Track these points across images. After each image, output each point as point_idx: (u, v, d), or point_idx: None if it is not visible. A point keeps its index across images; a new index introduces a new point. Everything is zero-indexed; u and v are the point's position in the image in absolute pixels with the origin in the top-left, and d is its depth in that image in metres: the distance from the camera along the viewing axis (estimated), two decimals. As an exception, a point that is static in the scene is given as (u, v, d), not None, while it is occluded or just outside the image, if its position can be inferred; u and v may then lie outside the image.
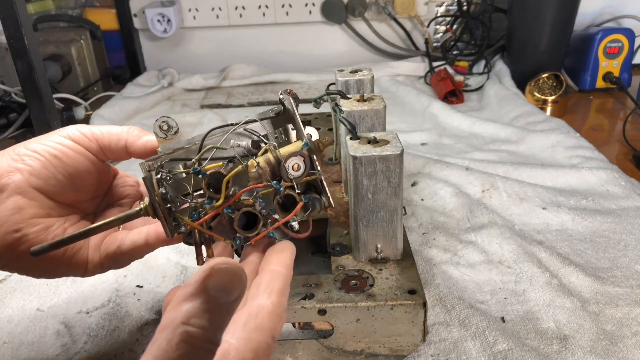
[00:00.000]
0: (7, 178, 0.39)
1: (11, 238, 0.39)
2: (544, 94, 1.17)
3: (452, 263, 0.62)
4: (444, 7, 1.48)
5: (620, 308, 0.53)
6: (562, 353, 0.48)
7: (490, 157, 0.90)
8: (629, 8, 1.38)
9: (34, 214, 0.40)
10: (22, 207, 0.39)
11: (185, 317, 0.24)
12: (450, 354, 0.48)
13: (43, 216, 0.40)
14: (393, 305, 0.46)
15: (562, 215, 0.70)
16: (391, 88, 1.32)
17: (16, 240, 0.39)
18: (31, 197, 0.40)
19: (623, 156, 0.91)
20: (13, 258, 0.40)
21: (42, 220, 0.40)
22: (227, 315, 0.26)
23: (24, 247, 0.39)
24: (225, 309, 0.26)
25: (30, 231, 0.39)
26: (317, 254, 0.64)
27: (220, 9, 1.46)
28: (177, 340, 0.23)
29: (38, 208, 0.40)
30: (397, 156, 0.47)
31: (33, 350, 0.52)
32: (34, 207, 0.40)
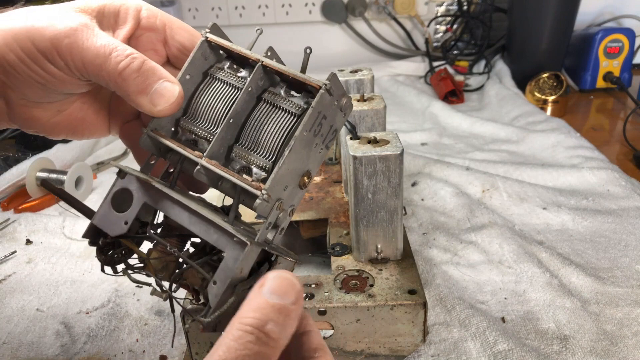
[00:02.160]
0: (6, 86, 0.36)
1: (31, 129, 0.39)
2: (545, 94, 1.17)
3: (453, 263, 0.61)
4: (444, 6, 1.47)
5: (621, 308, 0.53)
6: (562, 353, 0.48)
7: (491, 157, 0.90)
8: (629, 8, 1.38)
9: (45, 117, 0.38)
10: (26, 117, 0.37)
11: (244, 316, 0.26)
12: (451, 354, 0.48)
13: (53, 117, 0.39)
14: (393, 306, 0.46)
15: (562, 215, 0.70)
16: (391, 88, 1.31)
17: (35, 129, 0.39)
18: (32, 106, 0.37)
19: (623, 156, 0.91)
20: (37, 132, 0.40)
21: (55, 121, 0.39)
22: (288, 318, 0.27)
23: (44, 131, 0.39)
24: (285, 311, 0.26)
25: (48, 133, 0.39)
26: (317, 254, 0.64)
27: (220, 9, 1.46)
28: (243, 339, 0.25)
29: (43, 112, 0.38)
30: (397, 156, 0.47)
31: (32, 351, 0.52)
32: (38, 112, 0.38)
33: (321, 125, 0.33)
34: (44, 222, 0.73)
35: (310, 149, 0.33)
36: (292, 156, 0.32)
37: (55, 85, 0.35)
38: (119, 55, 0.33)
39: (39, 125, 0.39)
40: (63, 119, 0.39)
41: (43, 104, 0.37)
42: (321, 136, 0.33)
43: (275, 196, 0.32)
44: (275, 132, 0.33)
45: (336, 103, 0.33)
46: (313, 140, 0.33)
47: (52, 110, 0.38)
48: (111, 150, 1.00)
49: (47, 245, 0.70)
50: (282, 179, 0.32)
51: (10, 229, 0.72)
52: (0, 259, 0.67)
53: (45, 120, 0.38)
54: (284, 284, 0.27)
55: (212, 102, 0.35)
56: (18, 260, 0.67)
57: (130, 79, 0.33)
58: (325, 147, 0.34)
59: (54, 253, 0.68)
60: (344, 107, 0.34)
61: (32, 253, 0.68)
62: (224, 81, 0.36)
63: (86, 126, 0.40)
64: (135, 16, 0.37)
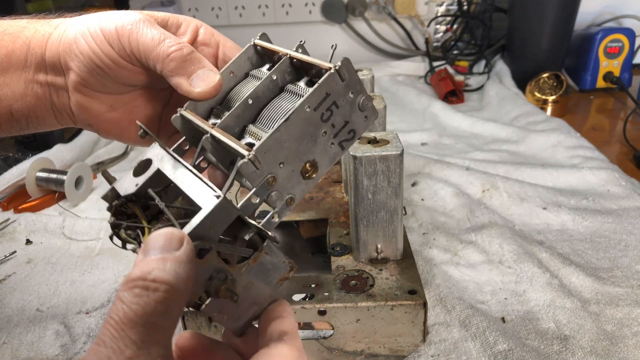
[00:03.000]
0: (67, 71, 0.39)
1: (88, 127, 0.43)
2: (545, 94, 1.17)
3: (453, 263, 0.61)
4: (444, 6, 1.47)
5: (621, 308, 0.53)
6: (562, 353, 0.48)
7: (491, 157, 0.90)
8: (629, 8, 1.38)
9: (98, 111, 0.41)
10: (86, 106, 0.40)
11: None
12: (451, 354, 0.48)
13: (107, 111, 0.41)
14: (393, 306, 0.46)
15: (562, 216, 0.70)
16: (391, 88, 1.31)
17: (92, 128, 0.42)
18: (92, 96, 0.40)
19: (624, 156, 0.91)
20: (100, 133, 0.43)
21: (108, 116, 0.41)
22: (175, 262, 0.25)
23: (103, 133, 0.43)
24: (168, 259, 0.25)
25: (100, 128, 0.42)
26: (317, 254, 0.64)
27: (220, 9, 1.46)
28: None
29: (101, 106, 0.41)
30: (398, 156, 0.47)
31: (32, 351, 0.52)
32: (97, 105, 0.41)
33: (331, 113, 0.32)
34: (44, 222, 0.73)
35: (316, 134, 0.32)
36: (289, 129, 0.31)
37: (111, 70, 0.38)
38: (171, 42, 0.37)
39: (93, 118, 0.41)
40: (114, 117, 0.42)
41: (99, 95, 0.40)
42: (332, 127, 0.32)
43: (266, 166, 0.31)
44: (283, 109, 0.33)
45: (352, 95, 0.32)
46: (320, 125, 0.32)
47: (106, 105, 0.41)
48: (111, 151, 1.00)
49: (47, 245, 0.70)
50: (275, 150, 0.31)
51: (10, 229, 0.72)
52: (0, 259, 0.67)
53: (99, 114, 0.41)
54: (162, 238, 0.26)
55: (243, 92, 0.36)
56: (18, 260, 0.67)
57: (177, 61, 0.36)
58: (339, 145, 0.33)
59: (54, 253, 0.68)
60: (363, 105, 0.33)
61: (32, 253, 0.68)
62: (260, 78, 0.36)
63: (133, 130, 0.43)
64: (194, 30, 0.41)
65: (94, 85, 0.39)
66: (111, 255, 0.66)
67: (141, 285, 0.24)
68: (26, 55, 0.40)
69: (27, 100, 0.41)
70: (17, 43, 0.40)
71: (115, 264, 0.65)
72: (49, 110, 0.41)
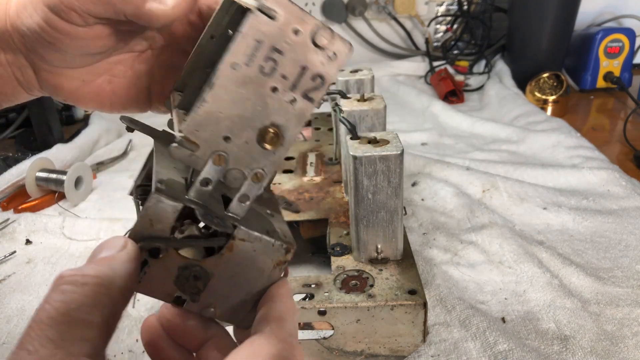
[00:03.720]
0: (31, 54, 0.35)
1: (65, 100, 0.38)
2: (545, 94, 1.17)
3: (453, 263, 0.61)
4: (445, 6, 1.47)
5: (621, 308, 0.53)
6: (562, 353, 0.48)
7: (491, 157, 0.90)
8: (629, 8, 1.38)
9: (73, 87, 0.36)
10: (58, 85, 0.36)
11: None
12: (451, 354, 0.48)
13: (82, 87, 0.37)
14: (393, 306, 0.46)
15: (562, 216, 0.70)
16: (391, 88, 1.31)
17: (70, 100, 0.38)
18: (64, 75, 0.36)
19: (624, 156, 0.91)
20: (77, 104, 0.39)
21: (85, 90, 0.37)
22: (112, 260, 0.24)
23: (80, 103, 0.38)
24: (105, 260, 0.24)
25: (79, 102, 0.38)
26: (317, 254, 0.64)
27: (221, 9, 1.46)
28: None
29: (76, 82, 0.36)
30: (398, 156, 0.47)
31: (32, 351, 0.52)
32: (70, 82, 0.36)
33: (275, 62, 0.25)
34: (43, 222, 0.73)
35: (262, 92, 0.26)
36: (217, 96, 0.25)
37: (65, 40, 0.32)
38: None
39: (66, 94, 0.37)
40: (90, 91, 0.37)
41: (67, 70, 0.35)
42: (283, 78, 0.26)
43: (206, 145, 0.26)
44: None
45: (296, 33, 0.25)
46: (263, 80, 0.26)
47: (77, 80, 0.36)
48: (111, 151, 1.00)
49: (46, 245, 0.69)
50: (210, 124, 0.26)
51: (10, 229, 0.72)
52: (0, 259, 0.66)
53: (72, 90, 0.37)
54: (105, 245, 0.24)
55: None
56: (18, 260, 0.67)
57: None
58: (305, 99, 0.26)
59: (53, 253, 0.68)
60: (319, 40, 0.26)
61: (32, 253, 0.68)
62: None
63: (117, 100, 0.38)
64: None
65: (54, 61, 0.34)
66: (111, 255, 0.66)
67: (70, 281, 0.22)
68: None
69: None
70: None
71: (115, 264, 0.65)
72: (16, 87, 0.37)
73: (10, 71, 0.36)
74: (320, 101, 0.27)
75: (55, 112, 1.01)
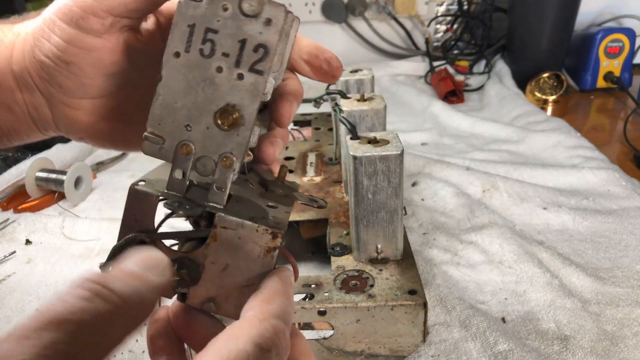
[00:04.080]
0: (45, 89, 0.34)
1: (79, 138, 0.37)
2: (545, 94, 1.16)
3: (453, 263, 0.61)
4: (445, 6, 1.47)
5: (621, 308, 0.53)
6: (562, 354, 0.48)
7: (491, 157, 0.90)
8: (629, 8, 1.38)
9: (88, 122, 0.36)
10: (75, 119, 0.36)
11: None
12: (451, 354, 0.48)
13: (99, 122, 0.36)
14: (393, 306, 0.46)
15: (562, 216, 0.70)
16: (391, 88, 1.31)
17: (83, 139, 0.38)
18: (79, 107, 0.35)
19: (624, 156, 0.91)
20: (89, 142, 0.38)
21: (102, 126, 0.36)
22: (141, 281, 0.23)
23: (92, 141, 0.38)
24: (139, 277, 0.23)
25: (96, 140, 0.37)
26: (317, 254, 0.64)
27: (220, 9, 1.46)
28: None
29: (91, 116, 0.36)
30: (398, 156, 0.47)
31: (32, 351, 0.51)
32: (86, 116, 0.36)
33: (213, 43, 0.26)
34: (43, 222, 0.73)
35: (209, 75, 0.26)
36: (168, 87, 0.26)
37: (82, 59, 0.32)
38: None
39: (82, 130, 0.36)
40: (106, 126, 0.37)
41: (83, 102, 0.35)
42: (225, 56, 0.26)
43: (171, 137, 0.27)
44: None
45: (225, 10, 0.25)
46: (206, 63, 0.26)
47: (95, 115, 0.36)
48: (110, 151, 1.00)
49: (46, 245, 0.69)
50: (169, 115, 0.27)
51: (10, 229, 0.72)
52: (0, 259, 0.66)
53: (88, 126, 0.36)
54: (142, 254, 0.24)
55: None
56: (18, 260, 0.67)
57: None
58: (253, 72, 0.26)
59: (53, 253, 0.68)
60: (250, 9, 0.25)
61: (32, 253, 0.68)
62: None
63: (129, 142, 0.38)
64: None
65: (72, 88, 0.34)
66: (111, 256, 0.66)
67: (94, 290, 0.20)
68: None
69: (4, 117, 0.36)
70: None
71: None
72: (31, 126, 0.37)
73: (25, 110, 0.36)
74: (269, 71, 0.26)
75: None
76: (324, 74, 0.34)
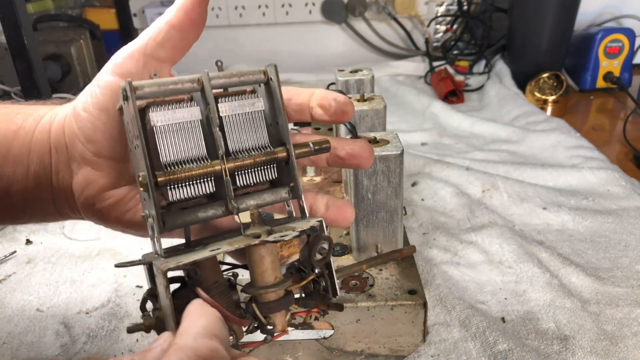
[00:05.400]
0: (72, 148, 0.37)
1: (89, 210, 0.38)
2: (545, 94, 1.17)
3: (453, 263, 0.61)
4: (444, 6, 1.47)
5: (621, 308, 0.53)
6: (562, 353, 0.48)
7: (491, 157, 0.90)
8: (629, 8, 1.38)
9: (102, 186, 0.37)
10: (90, 180, 0.37)
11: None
12: (451, 354, 0.48)
13: (112, 187, 0.37)
14: (393, 306, 0.46)
15: (562, 216, 0.70)
16: (391, 88, 1.31)
17: (94, 212, 0.38)
18: (98, 168, 0.36)
19: (624, 156, 0.91)
20: (99, 220, 0.39)
21: (112, 194, 0.37)
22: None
23: (102, 217, 0.38)
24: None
25: (103, 206, 0.37)
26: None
27: (220, 9, 1.46)
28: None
29: (107, 178, 0.37)
30: (398, 156, 0.47)
31: (32, 351, 0.52)
32: (103, 178, 0.37)
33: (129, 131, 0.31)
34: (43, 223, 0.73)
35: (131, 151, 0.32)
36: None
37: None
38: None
39: (95, 197, 0.37)
40: (120, 195, 0.38)
41: (106, 163, 0.36)
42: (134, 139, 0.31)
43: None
44: None
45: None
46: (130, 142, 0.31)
47: (112, 177, 0.37)
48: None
49: (47, 245, 0.70)
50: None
51: (10, 229, 0.72)
52: (0, 259, 0.67)
53: (102, 189, 0.37)
54: (217, 322, 0.26)
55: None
56: (18, 260, 0.67)
57: None
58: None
59: (54, 253, 0.68)
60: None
61: (32, 253, 0.68)
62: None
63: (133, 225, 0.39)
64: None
65: (102, 145, 0.36)
66: (111, 256, 0.66)
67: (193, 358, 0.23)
68: (31, 138, 0.37)
69: (28, 182, 0.38)
70: (20, 127, 0.38)
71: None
72: (48, 194, 0.38)
73: (48, 173, 0.38)
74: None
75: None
76: (333, 113, 0.37)
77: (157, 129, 0.30)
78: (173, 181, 0.30)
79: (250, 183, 0.33)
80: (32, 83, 0.90)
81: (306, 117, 0.38)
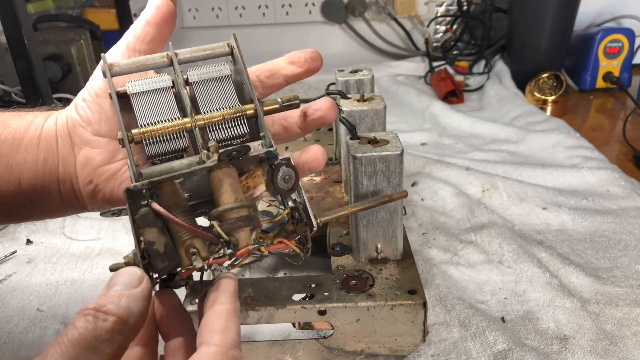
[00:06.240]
0: (74, 133, 0.41)
1: (88, 189, 0.41)
2: (544, 94, 1.17)
3: (452, 263, 0.61)
4: (444, 6, 1.48)
5: (621, 308, 0.53)
6: (562, 353, 0.48)
7: (491, 157, 0.90)
8: (629, 8, 1.38)
9: (100, 161, 0.41)
10: (89, 157, 0.41)
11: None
12: (451, 354, 0.48)
13: (108, 162, 0.41)
14: (393, 306, 0.46)
15: (562, 215, 0.70)
16: (391, 88, 1.31)
17: (92, 190, 0.41)
18: (96, 146, 0.40)
19: (623, 156, 0.91)
20: (99, 204, 0.43)
21: (108, 168, 0.41)
22: (130, 298, 0.28)
23: (100, 195, 0.41)
24: (125, 294, 0.28)
25: (100, 180, 0.41)
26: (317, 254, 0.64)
27: (220, 9, 1.46)
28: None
29: (103, 154, 0.41)
30: (397, 156, 0.47)
31: (33, 350, 0.52)
32: (100, 154, 0.41)
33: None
34: (44, 222, 0.73)
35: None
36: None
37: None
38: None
39: (94, 174, 0.41)
40: (116, 169, 0.41)
41: (102, 141, 0.40)
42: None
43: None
44: None
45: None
46: None
47: (107, 153, 0.41)
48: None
49: (47, 245, 0.70)
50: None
51: (11, 229, 0.72)
52: (0, 259, 0.67)
53: (100, 165, 0.41)
54: (125, 275, 0.29)
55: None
56: (18, 260, 0.67)
57: None
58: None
59: (54, 253, 0.68)
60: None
61: (32, 253, 0.68)
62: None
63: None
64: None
65: (99, 125, 0.40)
66: (112, 255, 0.67)
67: (93, 314, 0.27)
68: (41, 129, 0.42)
69: (37, 169, 0.41)
70: (32, 122, 0.42)
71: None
72: (55, 184, 0.42)
73: (56, 159, 0.41)
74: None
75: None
76: (304, 62, 0.41)
77: (133, 96, 0.36)
78: (147, 137, 0.35)
79: (224, 138, 0.36)
80: (32, 83, 0.90)
81: (279, 80, 0.42)
